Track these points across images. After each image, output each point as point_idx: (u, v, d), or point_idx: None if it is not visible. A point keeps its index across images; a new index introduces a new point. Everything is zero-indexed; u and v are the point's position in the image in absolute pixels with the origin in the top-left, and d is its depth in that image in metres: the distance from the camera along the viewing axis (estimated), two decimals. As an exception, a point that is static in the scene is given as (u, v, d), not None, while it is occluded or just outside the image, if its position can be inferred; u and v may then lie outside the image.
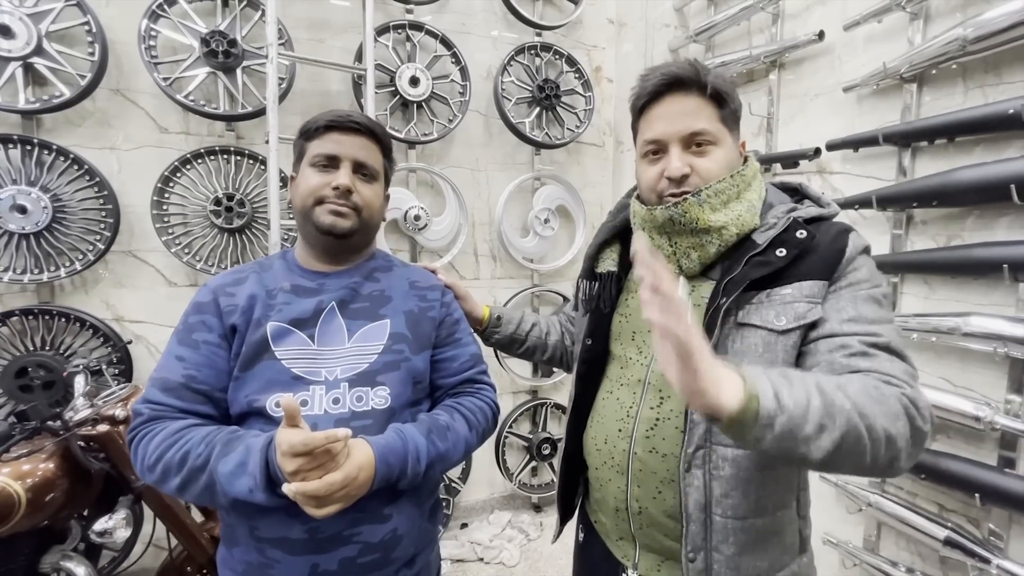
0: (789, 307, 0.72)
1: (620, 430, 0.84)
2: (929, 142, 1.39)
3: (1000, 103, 1.20)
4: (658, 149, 0.82)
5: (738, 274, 0.74)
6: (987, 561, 1.21)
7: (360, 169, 0.94)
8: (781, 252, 0.74)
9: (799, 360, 0.74)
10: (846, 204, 1.52)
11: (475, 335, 1.12)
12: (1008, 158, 1.21)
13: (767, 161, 1.79)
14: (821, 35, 1.63)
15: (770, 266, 0.73)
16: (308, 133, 0.94)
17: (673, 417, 0.79)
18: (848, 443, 0.57)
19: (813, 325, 0.72)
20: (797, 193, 0.88)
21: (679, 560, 0.78)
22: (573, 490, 1.01)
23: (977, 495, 1.22)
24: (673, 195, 0.80)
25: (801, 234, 0.75)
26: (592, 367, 0.93)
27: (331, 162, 0.92)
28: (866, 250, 0.76)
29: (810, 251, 0.74)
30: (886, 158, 1.50)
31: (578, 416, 0.95)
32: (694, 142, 0.80)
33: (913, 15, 1.41)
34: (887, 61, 1.43)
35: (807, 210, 0.80)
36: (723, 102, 0.81)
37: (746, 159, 0.85)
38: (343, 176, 0.91)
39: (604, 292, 0.92)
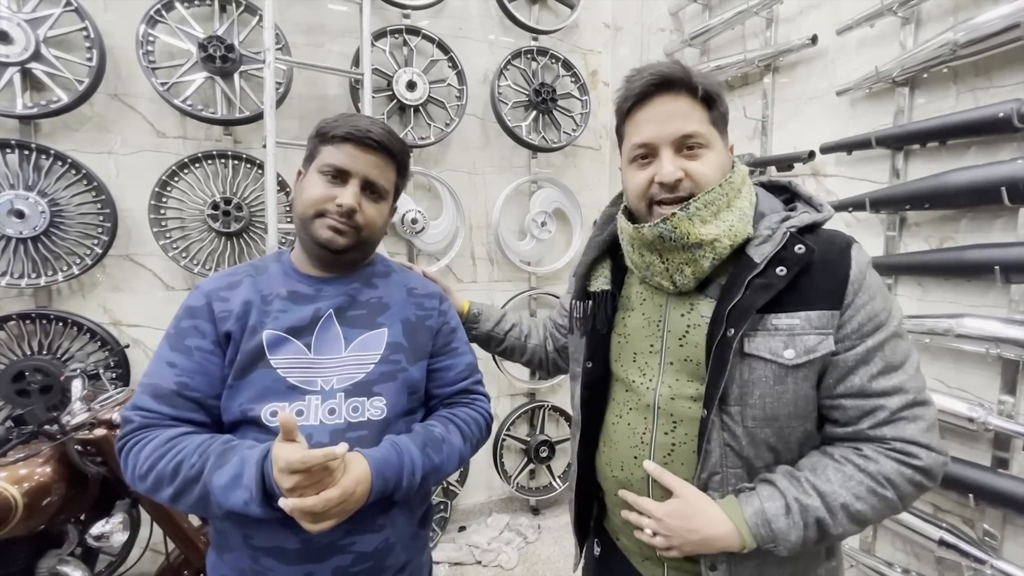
0: (798, 339, 0.70)
1: (636, 456, 0.82)
2: (921, 145, 1.40)
3: (991, 106, 1.21)
4: (647, 153, 0.79)
5: (742, 300, 0.71)
6: (982, 561, 1.22)
7: (369, 187, 0.90)
8: (781, 271, 0.71)
9: (826, 413, 0.75)
10: (840, 207, 1.53)
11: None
12: (999, 161, 1.22)
13: (762, 164, 1.80)
14: (814, 39, 1.64)
15: (772, 288, 0.70)
16: (324, 136, 0.90)
17: (689, 441, 0.77)
18: (846, 535, 0.72)
19: (827, 361, 0.71)
20: (787, 192, 0.85)
21: None
22: (588, 512, 0.98)
23: (971, 496, 1.23)
24: (666, 201, 0.77)
25: (800, 249, 0.71)
26: (595, 391, 0.90)
27: (340, 175, 0.88)
28: (869, 264, 0.74)
29: (811, 266, 0.71)
30: (879, 161, 1.51)
31: (587, 441, 0.91)
32: (686, 145, 0.76)
33: (905, 19, 1.42)
34: (879, 65, 1.44)
35: (801, 218, 0.75)
36: (713, 103, 0.78)
37: (733, 164, 0.81)
38: (349, 195, 0.87)
39: (600, 312, 0.88)
